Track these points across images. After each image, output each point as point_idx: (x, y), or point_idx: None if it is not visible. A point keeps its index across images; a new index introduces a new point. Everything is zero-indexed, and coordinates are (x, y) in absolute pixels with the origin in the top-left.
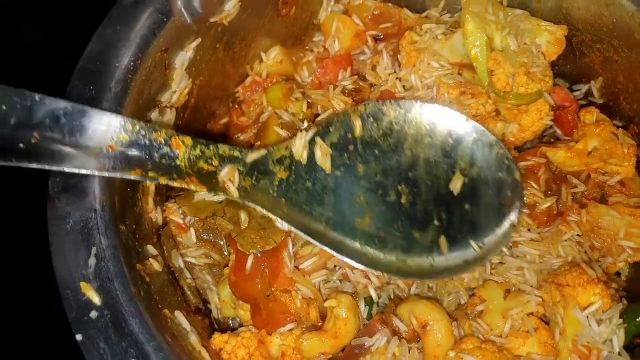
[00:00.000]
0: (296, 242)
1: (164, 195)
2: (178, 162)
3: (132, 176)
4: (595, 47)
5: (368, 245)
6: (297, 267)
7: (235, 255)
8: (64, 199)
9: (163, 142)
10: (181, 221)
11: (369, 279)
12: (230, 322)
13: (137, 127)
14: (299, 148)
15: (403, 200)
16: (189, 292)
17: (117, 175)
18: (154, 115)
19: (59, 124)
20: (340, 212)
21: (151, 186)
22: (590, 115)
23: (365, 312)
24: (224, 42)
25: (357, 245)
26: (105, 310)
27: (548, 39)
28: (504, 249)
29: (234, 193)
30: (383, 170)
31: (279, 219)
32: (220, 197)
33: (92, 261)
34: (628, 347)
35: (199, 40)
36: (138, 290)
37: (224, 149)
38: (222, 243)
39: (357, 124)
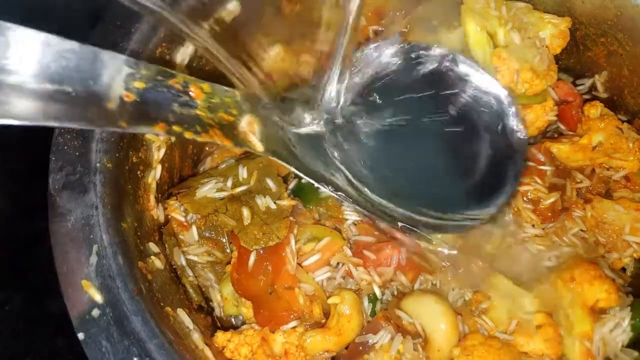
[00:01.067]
0: (299, 238)
1: (165, 192)
2: (198, 112)
3: (157, 131)
4: (599, 41)
5: (397, 204)
6: (300, 264)
7: (238, 252)
8: (65, 197)
9: (181, 88)
10: (183, 219)
11: (372, 275)
12: (232, 320)
13: (153, 71)
14: None
15: (425, 159)
16: (191, 290)
17: (143, 130)
18: None
19: (67, 68)
20: (361, 164)
21: (152, 183)
22: (595, 109)
23: (369, 309)
24: None
25: (384, 204)
26: (107, 309)
27: (552, 32)
28: None
29: (258, 146)
30: (409, 127)
31: (323, 185)
32: (224, 193)
33: (93, 259)
34: (634, 343)
35: None
36: (140, 288)
37: (241, 94)
38: (224, 240)
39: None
